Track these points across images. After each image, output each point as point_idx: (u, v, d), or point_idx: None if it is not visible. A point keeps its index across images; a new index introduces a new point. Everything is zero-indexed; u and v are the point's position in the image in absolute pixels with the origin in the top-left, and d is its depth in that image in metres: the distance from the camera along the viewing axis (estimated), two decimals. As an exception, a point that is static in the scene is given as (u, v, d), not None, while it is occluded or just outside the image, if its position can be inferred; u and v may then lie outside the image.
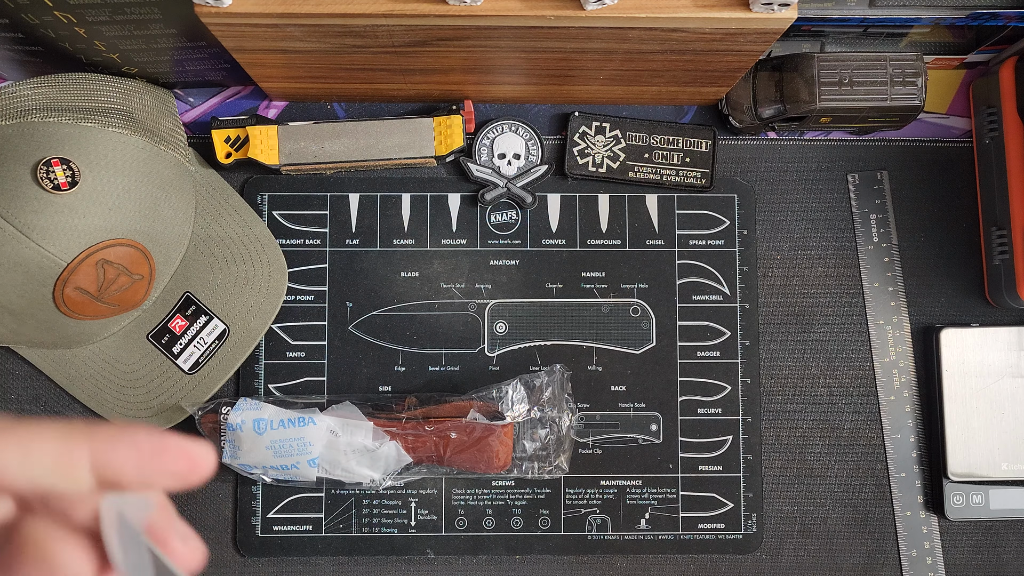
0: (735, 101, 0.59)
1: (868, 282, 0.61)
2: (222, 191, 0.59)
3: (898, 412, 0.61)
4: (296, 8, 0.45)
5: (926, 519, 0.60)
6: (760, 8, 0.44)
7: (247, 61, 0.53)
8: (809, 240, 0.62)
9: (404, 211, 0.61)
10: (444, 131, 0.59)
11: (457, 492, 0.60)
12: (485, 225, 0.61)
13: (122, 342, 0.57)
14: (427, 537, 0.59)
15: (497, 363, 0.60)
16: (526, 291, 0.61)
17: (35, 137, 0.51)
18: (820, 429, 0.61)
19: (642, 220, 0.62)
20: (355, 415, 0.56)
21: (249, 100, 0.62)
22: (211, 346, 0.57)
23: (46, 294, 0.51)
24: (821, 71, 0.55)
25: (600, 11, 0.45)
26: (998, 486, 0.59)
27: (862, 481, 0.61)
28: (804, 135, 0.62)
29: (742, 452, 0.60)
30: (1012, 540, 0.60)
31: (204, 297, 0.57)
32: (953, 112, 0.63)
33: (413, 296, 0.61)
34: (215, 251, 0.58)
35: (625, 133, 0.61)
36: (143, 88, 0.58)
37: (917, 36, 0.58)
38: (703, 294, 0.61)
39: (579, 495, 0.60)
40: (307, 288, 0.61)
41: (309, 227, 0.61)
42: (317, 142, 0.59)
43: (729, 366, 0.61)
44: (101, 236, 0.51)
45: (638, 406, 0.60)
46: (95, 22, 0.49)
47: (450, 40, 0.49)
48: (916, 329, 0.61)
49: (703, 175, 0.61)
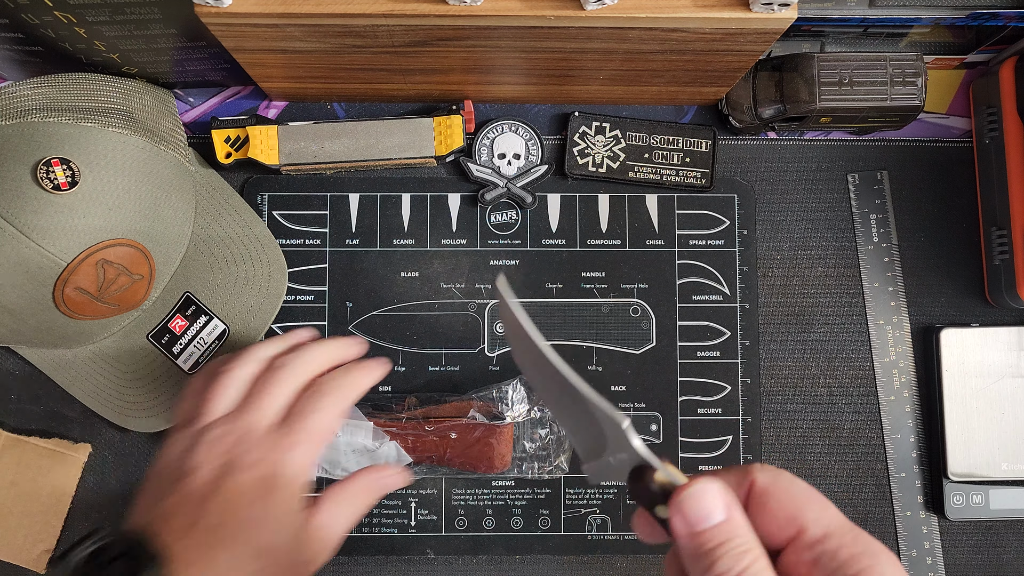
0: (735, 101, 0.59)
1: (868, 282, 0.62)
2: (222, 191, 0.59)
3: (898, 412, 0.61)
4: (296, 8, 0.45)
5: (926, 519, 0.60)
6: (760, 8, 0.44)
7: (247, 61, 0.53)
8: (809, 240, 0.62)
9: (404, 211, 0.61)
10: (444, 131, 0.59)
11: (457, 492, 0.60)
12: (485, 225, 0.61)
13: (122, 342, 0.57)
14: (427, 537, 0.59)
15: (497, 363, 0.60)
16: (526, 291, 0.61)
17: (35, 137, 0.51)
18: (820, 429, 0.61)
19: (642, 220, 0.62)
20: (355, 415, 0.56)
21: (249, 100, 0.62)
22: (211, 346, 0.57)
23: (46, 294, 0.51)
24: (821, 71, 0.55)
25: (600, 11, 0.45)
26: (998, 486, 0.59)
27: (862, 481, 0.61)
28: (804, 135, 0.62)
29: (742, 452, 0.60)
30: (1012, 540, 0.60)
31: (204, 297, 0.57)
32: (953, 112, 0.63)
33: (413, 296, 0.61)
34: (215, 251, 0.58)
35: (625, 133, 0.61)
36: (143, 88, 0.58)
37: (917, 36, 0.58)
38: (703, 294, 0.61)
39: (579, 495, 0.60)
40: (307, 288, 0.61)
41: (309, 227, 0.61)
42: (317, 142, 0.59)
43: (729, 366, 0.61)
44: (101, 236, 0.51)
45: (638, 406, 0.60)
46: (95, 22, 0.49)
47: (450, 40, 0.49)
48: (916, 329, 0.61)
49: (703, 175, 0.61)
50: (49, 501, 0.59)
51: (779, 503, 0.30)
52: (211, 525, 0.38)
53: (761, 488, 0.31)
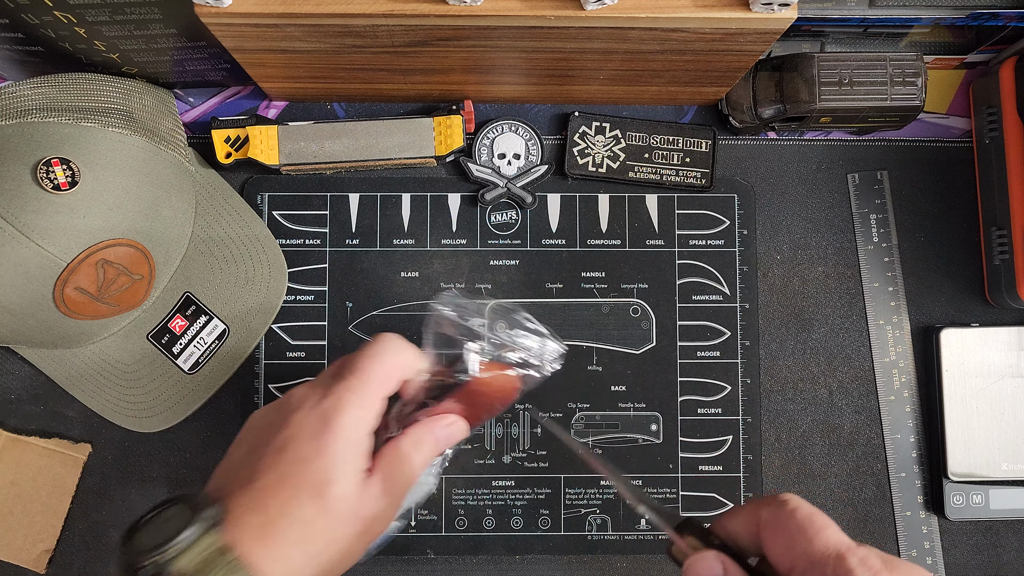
0: (735, 101, 0.59)
1: (868, 282, 0.61)
2: (222, 191, 0.59)
3: (898, 412, 0.61)
4: (296, 8, 0.45)
5: (926, 519, 0.60)
6: (760, 8, 0.44)
7: (247, 61, 0.53)
8: (809, 240, 0.62)
9: (404, 211, 0.61)
10: (444, 131, 0.59)
11: (457, 492, 0.60)
12: (485, 225, 0.61)
13: (122, 342, 0.57)
14: (427, 537, 0.59)
15: (497, 363, 0.60)
16: (526, 291, 0.61)
17: (35, 137, 0.51)
18: (820, 429, 0.61)
19: (642, 220, 0.62)
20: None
21: (249, 100, 0.62)
22: (211, 346, 0.57)
23: (46, 294, 0.51)
24: (821, 71, 0.55)
25: (600, 11, 0.45)
26: (998, 486, 0.59)
27: (862, 481, 0.61)
28: (804, 135, 0.62)
29: (742, 452, 0.60)
30: (1012, 540, 0.60)
31: (204, 297, 0.57)
32: (953, 112, 0.63)
33: (413, 296, 0.61)
34: (215, 251, 0.58)
35: (625, 133, 0.61)
36: (143, 88, 0.58)
37: (917, 36, 0.58)
38: (703, 294, 0.61)
39: (579, 495, 0.60)
40: (307, 288, 0.61)
41: (309, 227, 0.61)
42: (317, 142, 0.59)
43: (729, 366, 0.61)
44: (101, 236, 0.51)
45: (638, 406, 0.60)
46: (95, 22, 0.49)
47: (450, 40, 0.49)
48: (916, 329, 0.61)
49: (703, 175, 0.61)
50: (49, 501, 0.59)
51: (775, 537, 0.35)
52: (265, 467, 0.38)
53: (764, 523, 0.35)
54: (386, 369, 0.41)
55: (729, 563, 0.35)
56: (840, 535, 0.33)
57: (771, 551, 0.35)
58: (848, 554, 0.32)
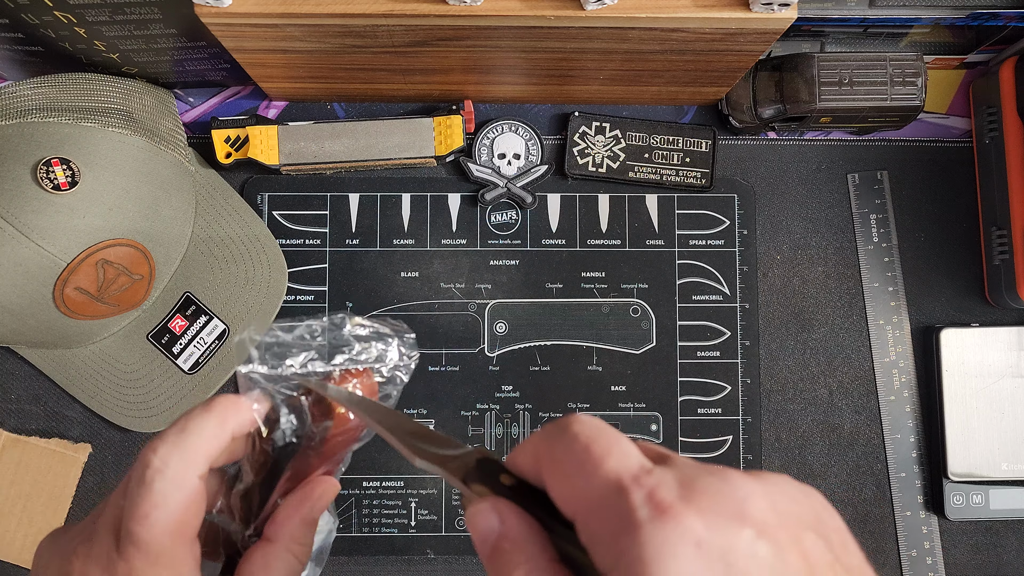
0: (735, 101, 0.59)
1: (868, 282, 0.61)
2: (222, 191, 0.59)
3: (898, 412, 0.61)
4: (296, 8, 0.45)
5: (926, 519, 0.60)
6: (760, 8, 0.44)
7: (247, 61, 0.53)
8: (809, 240, 0.62)
9: (404, 211, 0.61)
10: (444, 131, 0.59)
11: (457, 492, 0.60)
12: (485, 225, 0.61)
13: (122, 342, 0.57)
14: (427, 537, 0.59)
15: (497, 363, 0.60)
16: (526, 291, 0.61)
17: (35, 137, 0.51)
18: (820, 429, 0.61)
19: (642, 220, 0.62)
20: None
21: (249, 100, 0.62)
22: (211, 346, 0.57)
23: (46, 294, 0.51)
24: (821, 71, 0.55)
25: (600, 11, 0.45)
26: (998, 486, 0.59)
27: (862, 481, 0.61)
28: (804, 135, 0.62)
29: (742, 452, 0.60)
30: (1012, 540, 0.60)
31: (204, 297, 0.57)
32: (953, 112, 0.63)
33: (413, 296, 0.61)
34: (215, 251, 0.58)
35: (625, 133, 0.61)
36: (143, 88, 0.58)
37: (917, 36, 0.58)
38: (703, 294, 0.61)
39: (579, 495, 0.60)
40: (307, 288, 0.61)
41: (309, 227, 0.61)
42: (317, 142, 0.59)
43: (729, 366, 0.61)
44: (101, 236, 0.51)
45: (638, 406, 0.60)
46: (95, 22, 0.49)
47: (450, 40, 0.49)
48: (916, 329, 0.61)
49: (703, 175, 0.61)
50: (49, 501, 0.59)
51: (554, 477, 0.25)
52: None
53: (543, 460, 0.26)
54: (182, 516, 0.29)
55: (508, 512, 0.25)
56: (626, 459, 0.23)
57: (554, 495, 0.25)
58: (632, 487, 0.22)
